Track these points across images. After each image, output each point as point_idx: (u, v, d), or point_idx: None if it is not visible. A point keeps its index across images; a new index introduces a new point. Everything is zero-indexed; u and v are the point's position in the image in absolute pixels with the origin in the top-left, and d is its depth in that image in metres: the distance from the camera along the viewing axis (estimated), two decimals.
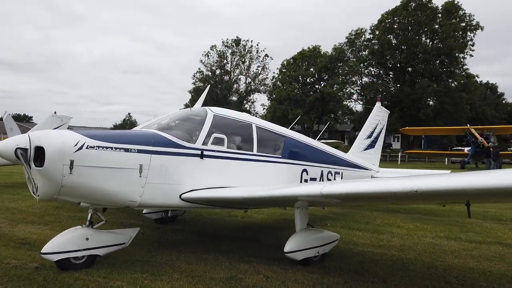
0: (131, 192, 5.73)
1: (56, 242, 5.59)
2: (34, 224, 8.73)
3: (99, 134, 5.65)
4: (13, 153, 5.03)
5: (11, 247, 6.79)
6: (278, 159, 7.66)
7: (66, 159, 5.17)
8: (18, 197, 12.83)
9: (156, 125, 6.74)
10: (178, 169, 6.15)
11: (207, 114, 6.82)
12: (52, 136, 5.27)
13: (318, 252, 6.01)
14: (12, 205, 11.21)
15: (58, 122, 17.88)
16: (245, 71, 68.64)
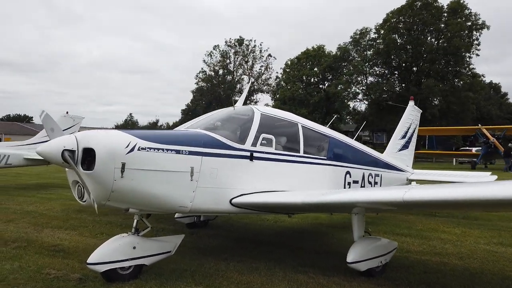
0: (182, 197, 5.31)
1: (103, 251, 5.16)
2: (61, 229, 8.30)
3: (149, 134, 5.24)
4: (60, 156, 4.60)
5: (45, 255, 6.36)
6: (323, 161, 7.25)
7: (118, 162, 4.75)
8: (34, 200, 12.40)
9: (201, 125, 6.31)
10: (228, 172, 5.75)
11: (254, 113, 6.41)
12: (102, 136, 4.84)
13: (381, 262, 5.61)
14: (30, 208, 10.78)
15: (70, 122, 17.45)
16: (248, 71, 68.24)
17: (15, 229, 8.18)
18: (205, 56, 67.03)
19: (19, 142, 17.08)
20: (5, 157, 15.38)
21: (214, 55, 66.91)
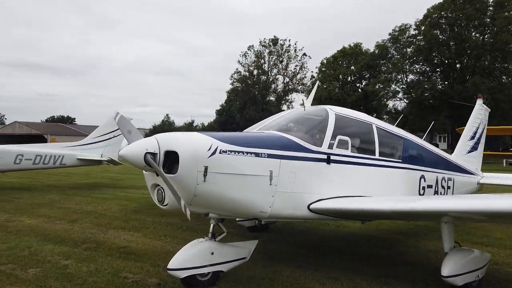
0: (262, 202, 5.09)
1: (182, 257, 5.02)
2: (124, 230, 8.33)
3: (229, 137, 5.06)
4: (142, 159, 4.49)
5: (117, 257, 6.34)
6: (398, 164, 6.82)
7: (201, 165, 4.59)
8: (90, 199, 12.67)
9: (274, 126, 6.07)
10: (306, 176, 5.47)
11: (329, 114, 6.10)
12: (185, 139, 4.70)
13: (478, 276, 5.14)
14: (89, 208, 10.98)
15: None
16: (283, 70, 67.81)
17: (81, 230, 8.30)
18: (240, 56, 67.36)
19: (72, 142, 17.63)
20: (60, 157, 15.90)
21: (248, 56, 67.08)
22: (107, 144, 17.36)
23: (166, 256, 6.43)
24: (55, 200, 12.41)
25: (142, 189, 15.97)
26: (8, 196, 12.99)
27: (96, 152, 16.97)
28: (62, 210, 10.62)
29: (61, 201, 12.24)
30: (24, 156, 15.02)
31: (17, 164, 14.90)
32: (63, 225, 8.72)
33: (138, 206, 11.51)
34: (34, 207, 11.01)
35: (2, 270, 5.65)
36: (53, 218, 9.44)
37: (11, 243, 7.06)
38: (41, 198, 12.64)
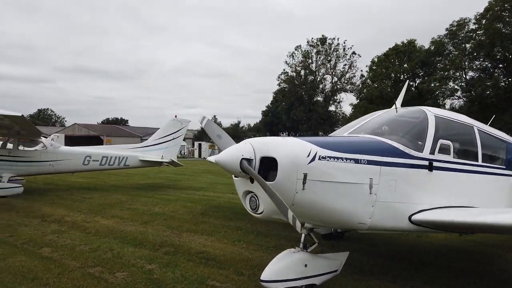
0: (361, 213, 4.70)
1: (275, 268, 4.73)
2: (197, 234, 8.26)
3: (327, 142, 4.73)
4: (238, 165, 4.26)
5: (198, 263, 6.21)
6: (502, 170, 6.13)
7: (300, 173, 4.29)
8: (155, 200, 12.89)
9: (366, 129, 5.66)
10: (407, 184, 5.00)
11: (427, 116, 5.58)
12: (283, 144, 4.42)
13: None
14: (157, 210, 11.12)
15: (178, 125, 18.11)
16: (331, 70, 66.38)
17: (155, 232, 8.34)
18: (287, 57, 66.77)
19: (134, 144, 18.20)
20: (124, 159, 16.42)
21: (296, 56, 66.32)
22: (167, 146, 17.70)
23: (246, 263, 6.25)
24: (122, 200, 12.76)
25: (201, 191, 16.11)
26: (79, 196, 13.56)
27: (157, 154, 17.36)
28: (132, 211, 10.83)
29: (128, 201, 12.54)
30: (91, 157, 15.67)
31: (85, 165, 15.57)
32: (137, 227, 8.83)
33: (203, 208, 11.49)
34: (105, 207, 11.34)
35: (91, 273, 5.70)
36: (126, 219, 9.62)
37: (93, 245, 7.20)
38: (109, 199, 13.06)
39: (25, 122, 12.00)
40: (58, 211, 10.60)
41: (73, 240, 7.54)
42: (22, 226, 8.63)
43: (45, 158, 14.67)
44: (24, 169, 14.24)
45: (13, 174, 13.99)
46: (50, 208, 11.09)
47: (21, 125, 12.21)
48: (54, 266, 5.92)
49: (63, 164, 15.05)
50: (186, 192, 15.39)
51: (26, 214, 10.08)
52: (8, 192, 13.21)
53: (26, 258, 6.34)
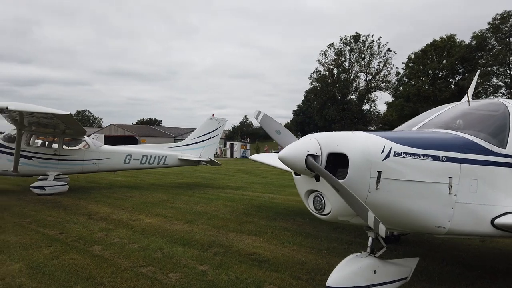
0: (439, 215, 4.25)
1: (343, 274, 4.36)
2: (244, 234, 8.01)
3: (402, 137, 4.31)
4: (303, 162, 3.94)
5: (252, 266, 5.94)
6: None
7: (374, 170, 3.91)
8: (196, 199, 12.79)
9: (437, 123, 5.18)
10: (489, 183, 4.51)
11: (508, 108, 5.03)
12: (354, 139, 4.06)
13: None
14: (199, 209, 10.99)
15: (216, 124, 18.04)
16: (365, 67, 64.78)
17: (201, 232, 8.16)
18: (319, 55, 65.86)
19: (173, 143, 18.31)
20: (163, 158, 16.51)
21: (328, 54, 65.29)
22: (205, 145, 17.67)
23: (302, 267, 5.92)
24: (164, 199, 12.75)
25: (240, 190, 15.89)
26: (121, 194, 13.70)
27: (194, 153, 17.36)
28: (175, 210, 10.76)
29: (169, 200, 12.52)
30: (132, 156, 15.85)
31: (126, 164, 15.77)
32: (182, 226, 8.70)
33: (245, 208, 11.25)
34: (148, 206, 11.34)
35: (144, 273, 5.56)
36: (170, 218, 9.53)
37: (142, 243, 7.10)
38: (151, 197, 13.10)
39: (73, 121, 12.22)
40: (103, 209, 10.69)
41: (122, 238, 7.49)
42: (71, 224, 8.70)
43: (89, 157, 14.96)
44: (68, 167, 14.59)
45: (58, 173, 14.34)
46: (95, 206, 11.22)
47: (68, 124, 12.45)
48: (107, 265, 5.83)
49: (105, 162, 15.31)
50: (225, 192, 15.23)
51: (73, 211, 10.22)
52: (54, 190, 13.54)
53: (78, 255, 6.31)
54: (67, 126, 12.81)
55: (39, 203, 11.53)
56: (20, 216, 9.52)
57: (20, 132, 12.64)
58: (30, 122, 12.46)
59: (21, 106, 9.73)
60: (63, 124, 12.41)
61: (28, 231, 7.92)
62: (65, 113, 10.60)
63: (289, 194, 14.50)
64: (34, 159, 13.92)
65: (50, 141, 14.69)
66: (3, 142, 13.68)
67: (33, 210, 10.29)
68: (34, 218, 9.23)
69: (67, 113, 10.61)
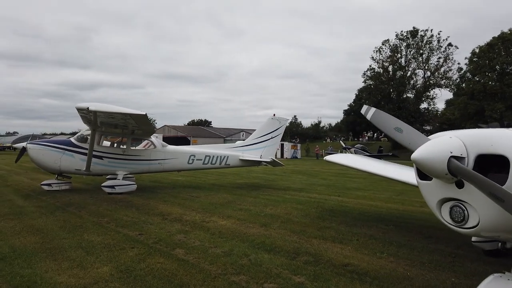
0: None
1: None
2: (328, 241, 7.44)
3: None
4: (445, 165, 3.30)
5: (350, 278, 5.37)
6: None
7: None
8: (263, 201, 12.40)
9: None
10: None
11: None
12: None
13: None
14: (270, 211, 10.57)
15: (277, 124, 17.59)
16: (423, 64, 61.35)
17: (280, 236, 7.72)
18: (373, 52, 63.40)
19: (233, 143, 18.14)
20: (225, 158, 16.35)
21: (383, 51, 62.65)
22: (266, 145, 17.30)
23: (410, 284, 5.25)
24: (230, 200, 12.51)
25: (303, 192, 15.31)
26: (187, 195, 13.67)
27: (255, 153, 17.05)
28: (245, 212, 10.43)
29: (236, 201, 12.24)
30: (196, 156, 15.84)
31: (190, 164, 15.79)
32: (258, 230, 8.31)
33: (317, 211, 10.67)
34: (217, 207, 11.13)
35: (236, 282, 5.19)
36: (243, 221, 9.19)
37: (224, 248, 6.78)
38: (216, 198, 12.92)
39: (147, 121, 12.22)
40: (174, 209, 10.62)
41: (202, 241, 7.23)
42: (148, 224, 8.63)
43: (155, 157, 15.14)
44: (136, 167, 14.85)
45: (126, 172, 14.65)
46: (165, 206, 11.19)
47: (142, 124, 12.50)
48: (195, 271, 5.54)
49: (170, 162, 15.42)
50: (289, 193, 14.73)
51: (146, 211, 10.23)
52: (124, 189, 13.81)
53: (163, 259, 6.09)
54: (139, 126, 12.90)
55: (112, 202, 11.74)
56: (97, 215, 9.66)
57: (94, 133, 13.01)
58: (102, 122, 12.76)
59: (100, 107, 9.90)
60: (135, 124, 12.52)
61: (109, 231, 7.92)
62: (142, 114, 10.64)
63: (357, 197, 13.71)
64: (105, 158, 14.31)
65: (119, 142, 15.05)
66: (76, 143, 14.20)
67: (108, 209, 10.44)
68: (111, 218, 9.30)
69: (143, 113, 10.66)
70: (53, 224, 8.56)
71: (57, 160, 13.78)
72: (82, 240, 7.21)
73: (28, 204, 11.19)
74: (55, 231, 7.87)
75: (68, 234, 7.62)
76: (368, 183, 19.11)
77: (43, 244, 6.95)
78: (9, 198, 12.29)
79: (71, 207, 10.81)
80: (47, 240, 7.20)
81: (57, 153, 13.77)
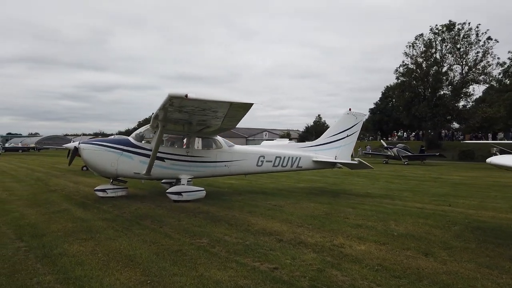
0: None
1: None
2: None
3: None
4: None
5: None
6: None
7: None
8: (370, 213, 10.20)
9: None
10: None
11: None
12: None
13: None
14: (398, 229, 8.36)
15: (353, 120, 15.34)
16: (460, 59, 58.08)
17: (455, 270, 5.50)
18: (406, 47, 60.31)
19: (305, 143, 15.99)
20: (297, 160, 14.19)
21: (417, 46, 59.52)
22: (341, 145, 15.07)
23: None
24: (326, 211, 10.31)
25: (398, 199, 12.92)
26: (265, 203, 11.54)
27: (330, 154, 14.85)
28: (369, 230, 8.20)
29: (334, 213, 10.05)
30: (265, 157, 13.73)
31: (259, 166, 13.69)
32: (423, 261, 6.11)
33: (459, 230, 8.37)
34: (321, 221, 8.98)
35: None
36: (384, 244, 7.02)
37: None
38: (304, 208, 10.78)
39: (244, 114, 9.89)
40: (273, 224, 8.51)
41: (368, 281, 5.07)
42: (267, 250, 6.51)
43: (221, 158, 13.09)
44: (201, 170, 12.82)
45: (190, 176, 12.64)
46: (257, 219, 9.10)
47: (238, 117, 10.19)
48: None
49: (237, 165, 13.34)
50: (381, 202, 12.46)
51: (242, 228, 8.15)
52: (192, 196, 11.81)
53: None
54: (229, 121, 10.45)
55: (188, 213, 9.72)
56: (187, 233, 7.62)
57: (163, 129, 10.99)
58: (179, 117, 10.43)
59: (200, 95, 7.78)
60: (227, 116, 10.04)
61: (226, 262, 5.84)
62: (251, 102, 8.46)
63: (472, 207, 11.31)
64: (167, 160, 12.31)
65: (176, 140, 13.01)
66: (136, 142, 12.22)
67: (193, 224, 8.40)
68: (210, 238, 7.24)
69: (252, 102, 8.48)
70: (143, 248, 6.53)
71: (114, 162, 11.82)
72: (203, 278, 5.13)
73: (91, 216, 9.23)
74: (155, 262, 5.82)
75: (176, 268, 5.56)
76: (449, 187, 16.67)
77: (152, 285, 4.90)
78: (64, 208, 10.37)
79: (146, 220, 8.80)
80: (154, 278, 5.16)
81: (114, 154, 11.81)
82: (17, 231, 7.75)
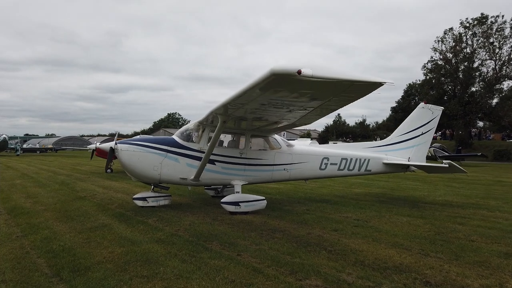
0: None
1: None
2: None
3: None
4: None
5: None
6: None
7: None
8: (480, 230, 7.99)
9: None
10: None
11: None
12: None
13: None
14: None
15: (429, 115, 13.09)
16: (493, 54, 55.02)
17: None
18: (435, 42, 57.45)
19: (372, 142, 13.81)
20: (366, 162, 12.01)
21: (446, 41, 56.63)
22: (414, 144, 12.83)
23: None
24: (434, 232, 8.14)
25: (481, 209, 10.74)
26: (340, 216, 9.42)
27: (402, 155, 12.63)
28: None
29: (443, 232, 7.87)
30: (329, 159, 11.58)
31: (322, 170, 11.55)
32: None
33: None
34: (432, 244, 6.80)
35: None
36: None
37: None
38: (393, 223, 8.62)
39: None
40: (384, 251, 6.37)
41: None
42: None
43: (279, 161, 10.98)
44: (257, 174, 10.75)
45: (245, 182, 10.58)
46: (349, 240, 6.99)
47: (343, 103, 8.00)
48: None
49: (298, 168, 11.23)
50: (481, 213, 10.21)
51: (342, 255, 6.04)
52: (252, 207, 9.77)
53: None
54: (322, 110, 7.99)
55: (256, 230, 7.72)
56: (280, 266, 5.56)
57: (222, 126, 8.93)
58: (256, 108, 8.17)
59: (322, 70, 5.41)
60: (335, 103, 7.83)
61: None
62: (381, 81, 6.14)
63: None
64: (218, 163, 10.27)
65: (233, 139, 10.97)
66: (182, 142, 10.21)
67: (278, 250, 6.35)
68: (323, 278, 5.15)
69: (384, 80, 6.17)
70: None
71: (157, 166, 9.82)
72: None
73: (140, 235, 7.23)
74: None
75: None
76: None
77: None
78: (102, 222, 8.39)
79: (213, 243, 6.76)
80: None
81: (158, 156, 9.82)
82: (51, 260, 5.77)
